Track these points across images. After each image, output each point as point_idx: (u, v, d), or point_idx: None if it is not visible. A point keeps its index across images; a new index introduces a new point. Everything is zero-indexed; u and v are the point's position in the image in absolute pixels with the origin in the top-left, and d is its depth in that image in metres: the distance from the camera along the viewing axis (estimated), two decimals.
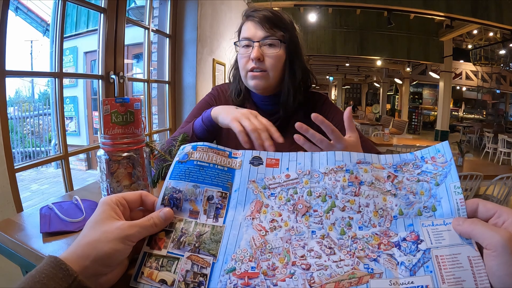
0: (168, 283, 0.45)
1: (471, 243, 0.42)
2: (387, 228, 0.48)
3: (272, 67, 1.06)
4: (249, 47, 1.05)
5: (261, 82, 1.06)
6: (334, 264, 0.45)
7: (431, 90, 17.97)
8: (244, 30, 1.08)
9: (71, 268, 0.39)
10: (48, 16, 8.68)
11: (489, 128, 11.04)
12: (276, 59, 1.06)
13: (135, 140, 0.68)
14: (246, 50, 1.06)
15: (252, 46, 1.04)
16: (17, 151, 6.97)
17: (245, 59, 1.06)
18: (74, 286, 0.38)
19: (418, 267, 0.42)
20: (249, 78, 1.07)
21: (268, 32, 1.04)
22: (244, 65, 1.07)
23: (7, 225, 0.73)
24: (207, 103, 1.21)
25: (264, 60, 1.04)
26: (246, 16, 1.10)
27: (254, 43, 1.03)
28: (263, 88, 1.09)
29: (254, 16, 1.06)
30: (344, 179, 0.53)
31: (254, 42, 1.04)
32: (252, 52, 1.03)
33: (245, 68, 1.07)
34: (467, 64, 12.11)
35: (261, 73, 1.05)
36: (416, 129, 15.80)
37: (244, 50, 1.06)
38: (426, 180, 0.51)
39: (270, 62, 1.05)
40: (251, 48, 1.05)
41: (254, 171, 0.57)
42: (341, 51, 8.99)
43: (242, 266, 0.46)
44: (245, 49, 1.06)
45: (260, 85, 1.07)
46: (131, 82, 2.85)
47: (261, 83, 1.07)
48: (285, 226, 0.50)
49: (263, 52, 1.04)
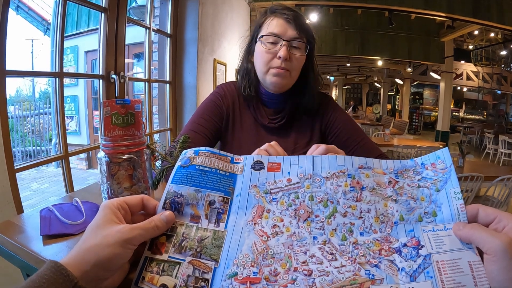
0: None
1: (471, 248, 0.42)
2: (388, 234, 0.48)
3: (295, 69, 1.07)
4: (276, 44, 1.05)
5: (283, 81, 1.07)
6: (335, 270, 0.45)
7: (432, 91, 17.96)
8: (272, 25, 1.05)
9: (72, 273, 0.39)
10: (49, 15, 8.69)
11: (490, 129, 11.04)
12: (300, 62, 1.08)
13: (135, 142, 0.68)
14: (273, 46, 1.05)
15: (281, 44, 1.04)
16: (17, 150, 6.98)
17: (270, 55, 1.05)
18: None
19: (418, 273, 0.43)
20: (271, 74, 1.07)
21: (298, 34, 1.04)
22: (267, 61, 1.06)
23: (7, 227, 0.73)
24: (213, 102, 1.19)
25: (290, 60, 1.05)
26: (273, 12, 1.08)
27: (284, 42, 1.03)
28: (281, 87, 1.10)
29: (285, 14, 1.05)
30: (346, 184, 0.53)
31: (284, 40, 1.03)
32: (281, 51, 1.02)
33: (268, 64, 1.06)
34: (468, 64, 12.10)
35: (285, 72, 1.05)
36: (417, 130, 15.80)
37: (271, 46, 1.05)
38: (427, 186, 0.51)
39: (295, 64, 1.06)
40: (278, 45, 1.04)
41: (255, 175, 0.57)
42: (342, 51, 8.98)
43: (244, 271, 0.46)
44: (272, 45, 1.05)
45: (281, 83, 1.08)
46: (132, 82, 2.84)
47: (282, 82, 1.07)
48: (287, 232, 0.50)
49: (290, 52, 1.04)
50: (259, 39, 1.09)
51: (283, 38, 1.03)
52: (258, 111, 1.17)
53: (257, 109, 1.17)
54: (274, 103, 1.17)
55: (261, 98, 1.18)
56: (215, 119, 1.16)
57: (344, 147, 1.10)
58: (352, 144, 1.13)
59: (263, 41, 1.06)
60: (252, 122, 1.18)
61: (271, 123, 1.16)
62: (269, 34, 1.05)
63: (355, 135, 1.14)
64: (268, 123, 1.16)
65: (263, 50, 1.06)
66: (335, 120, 1.16)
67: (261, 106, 1.18)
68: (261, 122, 1.16)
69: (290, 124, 1.18)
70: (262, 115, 1.17)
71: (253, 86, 1.15)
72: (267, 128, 1.17)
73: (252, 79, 1.15)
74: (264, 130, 1.17)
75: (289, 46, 1.04)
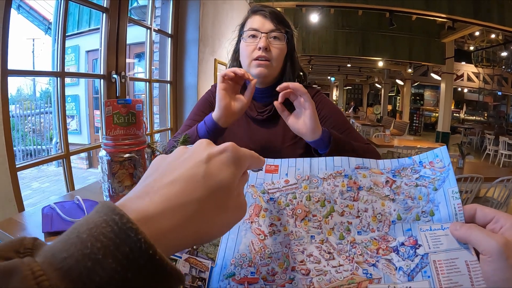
0: None
1: (468, 248, 0.42)
2: (386, 233, 0.48)
3: (276, 58, 1.14)
4: (256, 37, 1.13)
5: (265, 70, 1.13)
6: (333, 269, 0.45)
7: (433, 92, 17.92)
8: (251, 22, 1.15)
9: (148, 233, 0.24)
10: (50, 14, 8.68)
11: (490, 130, 11.02)
12: (280, 51, 1.15)
13: (136, 141, 0.69)
14: (253, 40, 1.13)
15: (260, 36, 1.12)
16: (18, 149, 6.97)
17: (252, 47, 1.13)
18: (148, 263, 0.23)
19: (416, 272, 0.43)
20: (254, 65, 1.14)
21: (275, 26, 1.13)
22: (249, 54, 1.14)
23: (9, 225, 0.74)
24: (207, 101, 1.31)
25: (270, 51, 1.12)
26: (254, 11, 1.18)
27: (262, 34, 1.11)
28: (265, 77, 1.16)
29: (263, 11, 1.14)
30: (343, 184, 0.53)
31: (262, 33, 1.11)
32: (260, 42, 1.10)
33: (250, 56, 1.14)
34: (468, 65, 12.09)
35: (266, 62, 1.12)
36: (417, 131, 15.78)
37: (251, 40, 1.13)
38: (424, 185, 0.51)
39: (275, 53, 1.13)
40: (257, 38, 1.12)
41: (253, 176, 0.57)
42: (342, 51, 8.98)
43: (241, 271, 0.46)
44: (252, 39, 1.13)
45: (264, 73, 1.14)
46: (133, 82, 2.85)
47: (265, 71, 1.14)
48: (284, 231, 0.50)
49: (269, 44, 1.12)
50: (241, 37, 1.18)
51: (261, 31, 1.12)
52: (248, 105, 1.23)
53: None
54: (262, 97, 1.24)
55: None
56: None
57: None
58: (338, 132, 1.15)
59: (244, 37, 1.15)
60: (242, 116, 1.26)
61: (259, 115, 1.24)
62: (248, 29, 1.14)
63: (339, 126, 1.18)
64: (256, 115, 1.24)
65: (244, 45, 1.15)
66: (321, 110, 1.21)
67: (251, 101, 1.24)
68: (251, 115, 1.24)
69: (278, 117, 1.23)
70: (252, 109, 1.25)
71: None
72: (256, 120, 1.25)
73: None
74: (254, 123, 1.26)
75: (268, 37, 1.12)
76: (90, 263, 0.21)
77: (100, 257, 0.22)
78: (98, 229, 0.23)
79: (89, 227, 0.23)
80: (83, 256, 0.21)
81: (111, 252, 0.22)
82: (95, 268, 0.21)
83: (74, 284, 0.21)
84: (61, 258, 0.22)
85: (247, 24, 1.17)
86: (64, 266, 0.21)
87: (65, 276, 0.21)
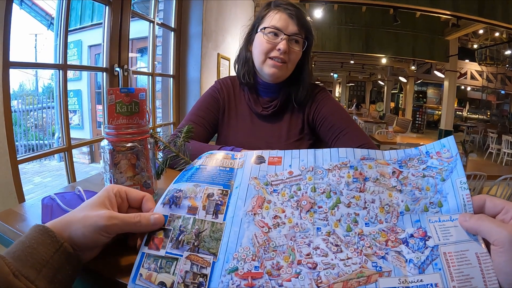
0: (167, 286, 0.43)
1: (477, 240, 0.41)
2: (394, 224, 0.47)
3: (292, 61, 1.14)
4: (276, 36, 1.11)
5: (280, 72, 1.13)
6: (341, 262, 0.44)
7: (436, 89, 17.88)
8: (275, 19, 1.11)
9: (58, 235, 0.42)
10: (53, 9, 8.66)
11: (493, 128, 10.96)
12: (297, 56, 1.14)
13: (139, 130, 0.68)
14: (273, 38, 1.11)
15: (282, 37, 1.10)
16: (20, 144, 6.98)
17: (270, 45, 1.11)
18: (61, 251, 0.41)
19: (426, 265, 0.42)
20: (269, 65, 1.13)
21: (298, 30, 1.11)
22: (266, 51, 1.12)
23: (9, 215, 0.73)
24: (211, 96, 1.28)
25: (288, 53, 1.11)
26: (277, 6, 1.14)
27: (284, 36, 1.09)
28: (277, 77, 1.15)
29: (289, 10, 1.11)
30: (348, 175, 0.52)
31: (284, 35, 1.09)
32: (281, 44, 1.09)
33: (267, 54, 1.12)
34: (472, 64, 12.05)
35: (282, 64, 1.12)
36: (420, 128, 15.74)
37: (272, 37, 1.11)
38: (432, 176, 0.50)
39: (292, 57, 1.13)
40: (278, 38, 1.10)
41: (256, 168, 0.56)
42: (346, 48, 8.96)
43: (245, 265, 0.44)
44: (272, 36, 1.11)
45: (278, 74, 1.13)
46: (135, 76, 2.84)
47: (279, 73, 1.13)
48: (289, 223, 0.48)
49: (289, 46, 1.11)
50: (260, 30, 1.14)
51: (284, 32, 1.09)
52: (253, 100, 1.24)
53: (252, 98, 1.24)
54: (268, 92, 1.23)
55: (256, 87, 1.24)
56: (213, 110, 1.25)
57: (328, 134, 1.17)
58: (336, 131, 1.16)
59: (264, 32, 1.12)
60: (247, 111, 1.25)
61: (264, 110, 1.22)
62: (271, 27, 1.10)
63: (340, 122, 1.17)
64: (261, 111, 1.22)
65: (263, 40, 1.12)
66: (322, 108, 1.20)
67: (256, 95, 1.25)
68: (255, 110, 1.23)
69: (283, 113, 1.24)
70: (256, 104, 1.23)
71: (251, 75, 1.21)
72: (260, 116, 1.24)
73: (250, 67, 1.21)
74: (258, 118, 1.24)
75: (289, 40, 1.10)
76: (30, 250, 0.39)
77: (35, 247, 0.40)
78: (32, 234, 0.42)
79: (28, 236, 0.41)
80: (25, 248, 0.39)
81: (42, 243, 0.40)
82: (33, 252, 0.39)
83: (22, 263, 0.38)
84: (12, 251, 0.39)
85: (268, 18, 1.13)
86: (15, 254, 0.39)
87: (15, 259, 0.38)
